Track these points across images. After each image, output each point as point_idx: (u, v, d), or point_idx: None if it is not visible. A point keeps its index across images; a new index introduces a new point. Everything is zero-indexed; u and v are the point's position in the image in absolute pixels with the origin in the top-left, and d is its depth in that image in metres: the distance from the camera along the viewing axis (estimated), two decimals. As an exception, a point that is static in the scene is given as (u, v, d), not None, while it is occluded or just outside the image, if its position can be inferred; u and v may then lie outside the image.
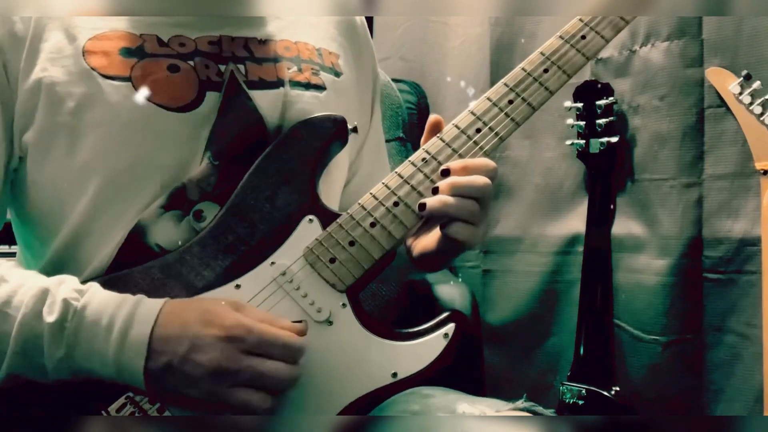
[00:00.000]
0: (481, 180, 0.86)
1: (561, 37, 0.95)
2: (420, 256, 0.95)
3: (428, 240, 0.93)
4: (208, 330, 0.77)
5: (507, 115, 0.91)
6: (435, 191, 0.87)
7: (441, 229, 0.87)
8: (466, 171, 0.87)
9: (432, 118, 0.92)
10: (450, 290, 1.62)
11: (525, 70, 0.93)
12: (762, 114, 1.36)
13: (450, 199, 0.85)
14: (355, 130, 0.96)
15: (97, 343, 0.77)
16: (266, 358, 0.78)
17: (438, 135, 0.91)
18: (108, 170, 0.87)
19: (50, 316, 0.78)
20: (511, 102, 0.92)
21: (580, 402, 1.53)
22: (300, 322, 0.83)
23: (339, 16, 1.07)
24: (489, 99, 0.92)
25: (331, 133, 0.93)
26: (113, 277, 0.84)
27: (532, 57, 0.94)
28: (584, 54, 0.94)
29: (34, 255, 0.93)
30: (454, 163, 0.88)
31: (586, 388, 1.53)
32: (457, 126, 0.91)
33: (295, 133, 0.92)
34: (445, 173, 0.87)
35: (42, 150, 0.88)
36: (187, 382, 0.76)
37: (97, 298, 0.79)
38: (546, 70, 0.93)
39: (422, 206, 0.86)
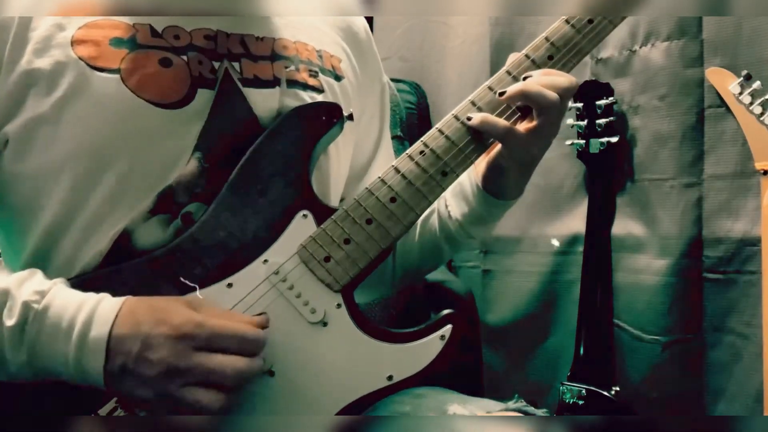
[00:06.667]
0: (565, 79, 0.87)
1: (567, 21, 0.90)
2: (485, 176, 0.93)
3: (492, 157, 0.92)
4: (159, 329, 0.75)
5: (509, 106, 0.88)
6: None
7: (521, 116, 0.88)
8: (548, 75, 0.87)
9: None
10: (448, 289, 1.61)
11: (528, 57, 0.90)
12: (762, 114, 1.35)
13: (532, 86, 0.85)
14: (350, 117, 0.92)
15: (58, 346, 0.75)
16: (220, 353, 0.75)
17: (437, 127, 0.88)
18: (84, 166, 0.83)
19: (9, 320, 0.76)
20: None
21: (580, 402, 1.52)
22: (261, 314, 0.81)
23: (341, 24, 1.04)
24: (490, 88, 0.89)
25: (324, 120, 0.89)
26: (99, 275, 0.82)
27: (536, 42, 0.90)
28: (590, 40, 0.90)
29: (13, 251, 0.90)
30: (535, 72, 0.88)
31: (586, 388, 1.53)
32: (456, 117, 0.88)
33: (287, 122, 0.88)
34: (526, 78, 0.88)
35: (23, 142, 0.84)
36: (140, 382, 0.74)
37: (59, 299, 0.77)
38: (551, 57, 0.90)
39: (502, 93, 0.87)
